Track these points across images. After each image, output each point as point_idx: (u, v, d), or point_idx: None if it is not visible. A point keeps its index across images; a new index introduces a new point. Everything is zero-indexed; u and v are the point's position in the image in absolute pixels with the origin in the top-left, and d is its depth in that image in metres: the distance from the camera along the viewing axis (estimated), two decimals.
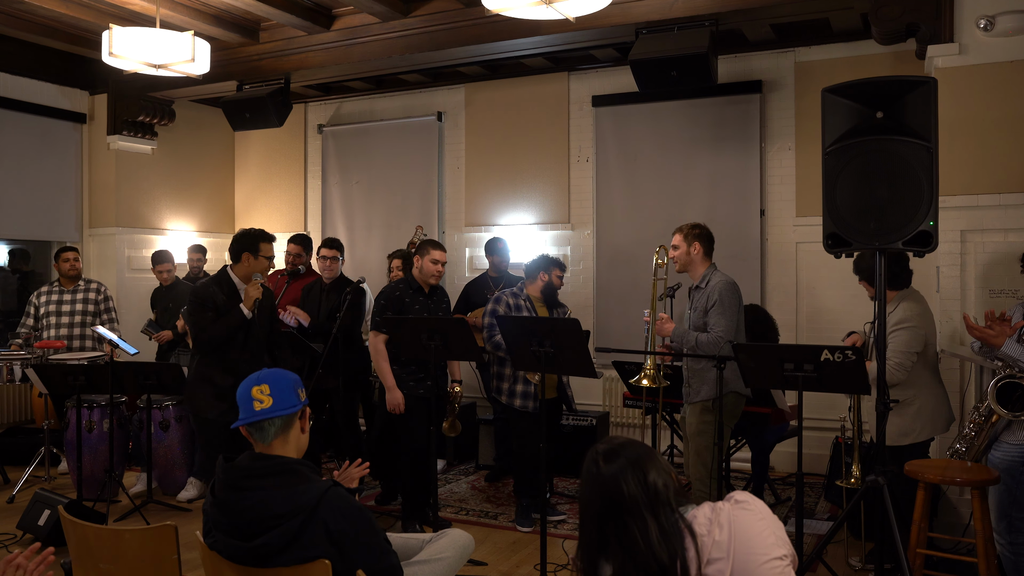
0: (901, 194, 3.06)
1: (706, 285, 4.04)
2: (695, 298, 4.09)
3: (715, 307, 3.93)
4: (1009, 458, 3.31)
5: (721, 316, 3.91)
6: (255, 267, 4.49)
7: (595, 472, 1.73)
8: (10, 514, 4.83)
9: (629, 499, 1.66)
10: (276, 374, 2.27)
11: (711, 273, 4.07)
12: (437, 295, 4.72)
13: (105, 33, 4.42)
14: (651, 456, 1.74)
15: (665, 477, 1.71)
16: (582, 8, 3.77)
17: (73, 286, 6.09)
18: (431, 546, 2.77)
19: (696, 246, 4.10)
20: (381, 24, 6.01)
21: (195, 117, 7.95)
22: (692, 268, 4.14)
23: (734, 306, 3.96)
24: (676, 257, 4.14)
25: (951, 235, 4.41)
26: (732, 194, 6.19)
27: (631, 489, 1.67)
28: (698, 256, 4.10)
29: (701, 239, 4.10)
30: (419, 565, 2.63)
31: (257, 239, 4.48)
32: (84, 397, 5.06)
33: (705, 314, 3.97)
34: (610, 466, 1.71)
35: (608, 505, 1.68)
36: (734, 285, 4.02)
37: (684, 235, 4.13)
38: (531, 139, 6.98)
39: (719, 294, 3.94)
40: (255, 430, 2.22)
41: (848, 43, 5.86)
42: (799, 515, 3.42)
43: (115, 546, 2.40)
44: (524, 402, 4.64)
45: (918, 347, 3.73)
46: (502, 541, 4.54)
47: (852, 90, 3.19)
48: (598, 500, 1.70)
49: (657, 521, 1.65)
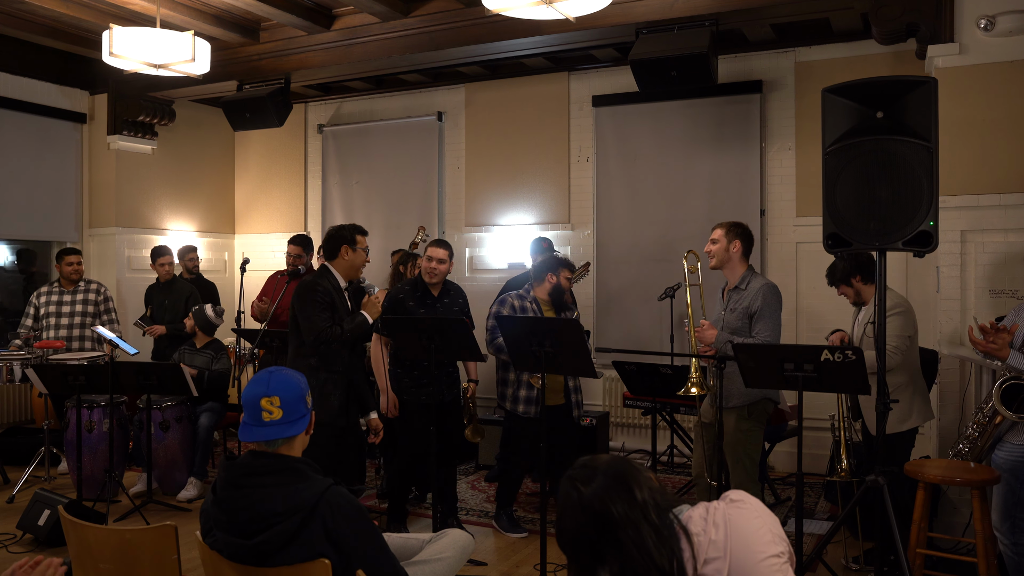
0: (901, 194, 3.06)
1: (746, 287, 3.91)
2: (732, 299, 3.95)
3: (762, 314, 3.81)
4: (1013, 458, 3.31)
5: (768, 323, 3.81)
6: (355, 260, 4.23)
7: (576, 497, 1.65)
8: (10, 514, 4.83)
9: (619, 515, 1.61)
10: (286, 384, 2.21)
11: (751, 276, 3.95)
12: (449, 297, 4.58)
13: (105, 33, 4.42)
14: (630, 467, 1.69)
15: (647, 483, 1.66)
16: (582, 8, 3.77)
17: (73, 287, 6.09)
18: (431, 546, 2.75)
19: (736, 244, 3.95)
20: (381, 24, 6.01)
21: (195, 117, 7.95)
22: (729, 266, 3.98)
23: (778, 312, 3.87)
24: (713, 252, 3.98)
25: (951, 235, 4.41)
26: (732, 194, 6.19)
27: (618, 506, 1.61)
28: (737, 254, 3.96)
29: (743, 237, 3.96)
30: (419, 565, 2.62)
31: (353, 231, 4.26)
32: (84, 397, 5.06)
33: (744, 316, 3.85)
34: (590, 487, 1.64)
35: (599, 527, 1.62)
36: (777, 290, 3.91)
37: (726, 231, 3.97)
38: (531, 139, 6.98)
39: (763, 300, 3.82)
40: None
41: (848, 43, 5.86)
42: (799, 515, 3.42)
43: (115, 546, 2.40)
44: (527, 407, 4.55)
45: (911, 330, 3.78)
46: (502, 541, 4.54)
47: (852, 90, 3.19)
48: (588, 525, 1.63)
49: (651, 526, 1.61)
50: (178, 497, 5.24)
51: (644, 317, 6.44)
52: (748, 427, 3.87)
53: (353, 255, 4.21)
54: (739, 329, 3.85)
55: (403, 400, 4.48)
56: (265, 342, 5.25)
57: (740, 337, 3.78)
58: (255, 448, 2.21)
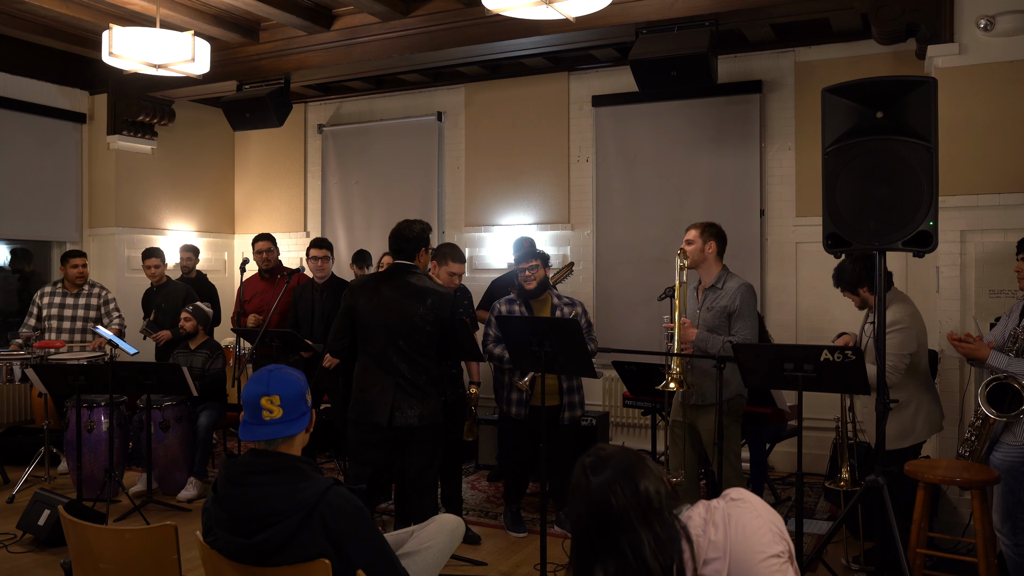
0: (901, 194, 3.06)
1: (722, 286, 3.98)
2: (708, 298, 4.03)
3: (739, 314, 3.89)
4: (1010, 459, 3.32)
5: (746, 323, 3.89)
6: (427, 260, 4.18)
7: (584, 485, 1.66)
8: (10, 514, 4.83)
9: (619, 512, 1.60)
10: (286, 383, 2.21)
11: (726, 275, 4.02)
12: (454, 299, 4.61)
13: (105, 33, 4.42)
14: (641, 463, 1.68)
15: (657, 483, 1.65)
16: (582, 8, 3.77)
17: (77, 290, 6.08)
18: (419, 534, 2.71)
19: (712, 245, 4.02)
20: (381, 24, 6.01)
21: (195, 117, 7.95)
22: (704, 266, 4.06)
23: (754, 310, 3.97)
24: (689, 252, 4.04)
25: (951, 235, 4.41)
26: (732, 194, 6.18)
27: (620, 501, 1.61)
28: (712, 255, 4.03)
29: (717, 238, 4.04)
30: (410, 556, 2.59)
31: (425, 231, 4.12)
32: (84, 397, 5.06)
33: (722, 315, 3.92)
34: (598, 478, 1.64)
35: (597, 519, 1.63)
36: (753, 290, 4.00)
37: (700, 231, 4.04)
38: (531, 139, 6.98)
39: (741, 300, 3.90)
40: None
41: (848, 43, 5.86)
42: (799, 515, 3.42)
43: (115, 546, 2.40)
44: (519, 409, 4.59)
45: (911, 348, 3.73)
46: (502, 541, 4.54)
47: (852, 90, 3.19)
48: (587, 514, 1.64)
49: (652, 532, 1.60)
50: (178, 497, 5.24)
51: (644, 317, 6.43)
52: (728, 423, 3.93)
53: (427, 257, 4.11)
54: (717, 327, 3.93)
55: None
56: (265, 342, 5.24)
57: (717, 335, 3.88)
58: (256, 447, 2.21)
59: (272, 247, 6.10)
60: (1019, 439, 3.31)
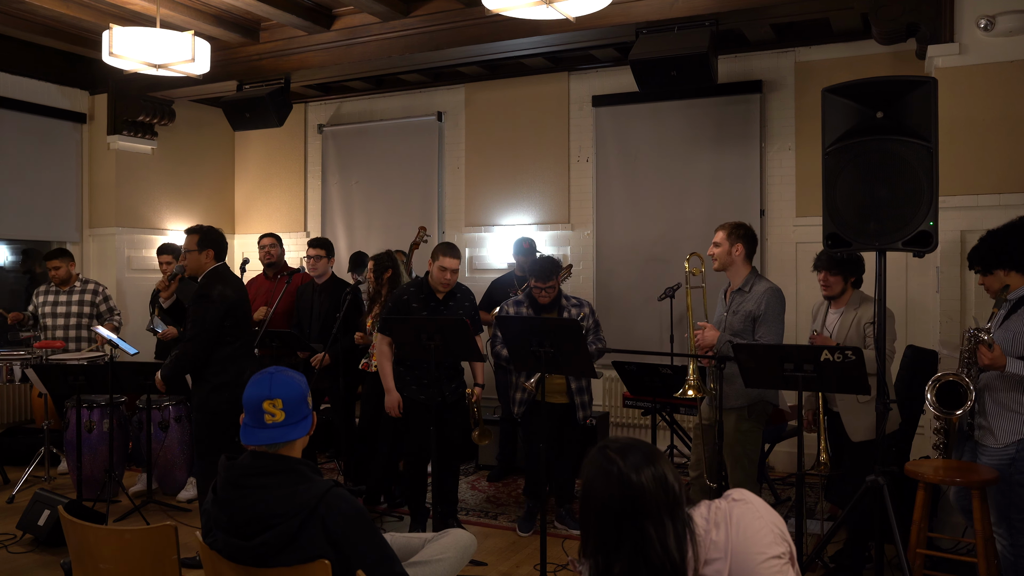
0: (901, 194, 3.06)
1: (750, 290, 3.88)
2: (735, 301, 3.93)
3: (764, 319, 3.80)
4: (995, 463, 3.32)
5: (771, 327, 3.80)
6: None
7: (614, 471, 1.61)
8: (10, 514, 4.83)
9: (651, 496, 1.58)
10: (288, 387, 2.20)
11: (755, 279, 3.93)
12: (455, 300, 4.55)
13: (105, 33, 4.42)
14: (662, 455, 1.67)
15: (677, 476, 1.64)
16: (582, 8, 3.77)
17: (69, 287, 6.07)
18: (432, 545, 2.73)
19: (739, 247, 3.91)
20: (381, 24, 6.01)
21: (195, 117, 7.95)
22: (732, 269, 3.95)
23: (781, 316, 3.86)
24: (716, 255, 3.95)
25: (951, 235, 4.41)
26: (732, 194, 6.18)
27: (652, 488, 1.58)
28: (739, 257, 3.93)
29: (745, 240, 3.92)
30: (420, 566, 2.60)
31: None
32: (84, 397, 5.06)
33: (747, 319, 3.83)
34: (628, 461, 1.61)
35: (628, 502, 1.59)
36: (781, 294, 3.89)
37: (728, 233, 3.93)
38: (531, 139, 6.98)
39: (767, 304, 3.80)
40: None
41: (848, 43, 5.86)
42: (799, 515, 3.42)
43: (115, 546, 2.40)
44: (521, 409, 4.64)
45: (893, 339, 3.79)
46: (502, 541, 4.54)
47: (852, 90, 3.19)
48: (618, 498, 1.60)
49: (674, 524, 1.58)
50: (178, 497, 5.24)
51: (644, 317, 6.44)
52: (747, 428, 3.88)
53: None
54: (741, 332, 3.83)
55: (406, 399, 4.50)
56: (265, 342, 5.24)
57: (741, 340, 3.75)
58: (255, 449, 2.20)
59: (276, 243, 6.11)
60: (1001, 442, 3.30)
